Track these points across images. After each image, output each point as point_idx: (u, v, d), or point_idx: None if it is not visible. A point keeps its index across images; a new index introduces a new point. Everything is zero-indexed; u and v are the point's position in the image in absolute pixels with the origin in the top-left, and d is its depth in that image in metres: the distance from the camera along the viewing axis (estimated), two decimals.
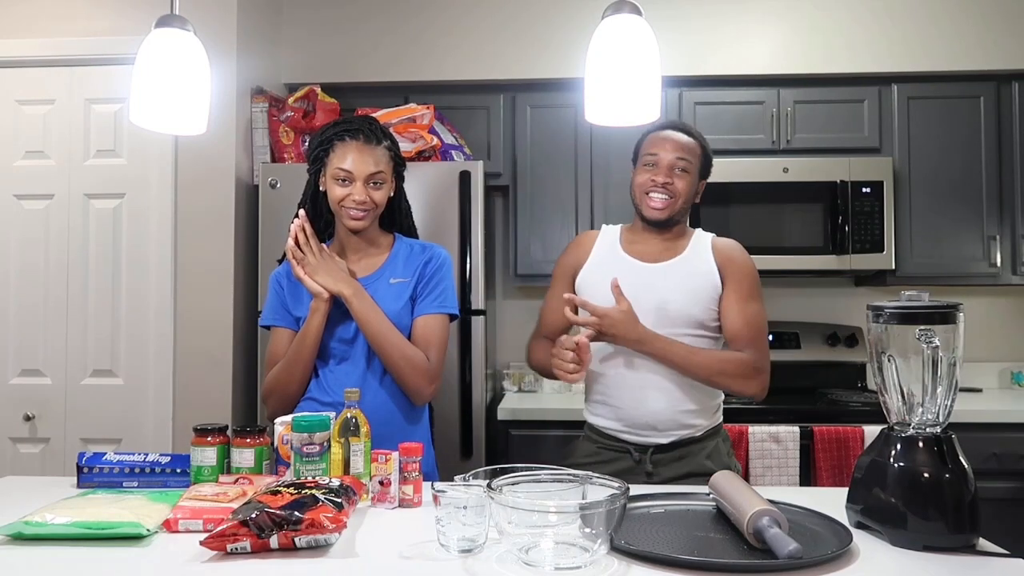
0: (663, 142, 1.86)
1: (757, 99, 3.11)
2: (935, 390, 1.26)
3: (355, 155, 1.75)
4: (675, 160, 1.84)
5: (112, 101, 2.75)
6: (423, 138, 2.72)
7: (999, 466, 2.64)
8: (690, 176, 1.85)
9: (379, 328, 1.73)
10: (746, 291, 1.83)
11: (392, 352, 1.73)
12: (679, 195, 1.84)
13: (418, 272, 1.82)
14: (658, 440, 1.81)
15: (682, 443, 1.82)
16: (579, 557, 1.12)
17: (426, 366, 1.76)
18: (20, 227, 2.76)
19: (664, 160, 1.84)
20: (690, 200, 1.88)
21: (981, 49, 3.06)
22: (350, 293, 1.72)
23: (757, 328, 1.82)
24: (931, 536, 1.20)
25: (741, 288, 1.83)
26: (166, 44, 1.52)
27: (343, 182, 1.75)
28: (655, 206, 1.84)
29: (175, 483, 1.57)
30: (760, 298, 1.86)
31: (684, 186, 1.84)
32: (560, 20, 3.16)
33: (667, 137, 1.87)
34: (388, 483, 1.46)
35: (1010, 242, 3.03)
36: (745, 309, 1.82)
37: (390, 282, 1.81)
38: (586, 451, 1.91)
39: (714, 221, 2.97)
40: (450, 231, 2.63)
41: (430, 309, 1.80)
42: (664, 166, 1.84)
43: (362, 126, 1.79)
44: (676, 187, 1.83)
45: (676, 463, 1.81)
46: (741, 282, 1.84)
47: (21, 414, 2.73)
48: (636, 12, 1.44)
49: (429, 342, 1.78)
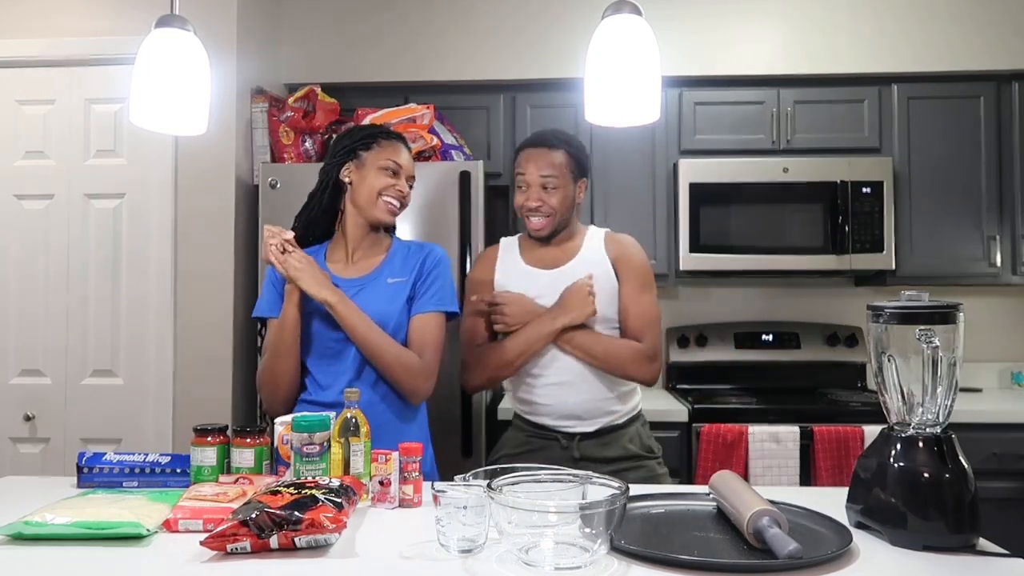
0: (527, 163, 1.97)
1: (757, 99, 3.11)
2: (935, 390, 1.26)
3: (406, 153, 1.88)
4: (542, 179, 1.94)
5: (112, 101, 2.75)
6: (423, 138, 2.72)
7: (999, 466, 2.64)
8: (561, 189, 1.94)
9: (366, 333, 1.73)
10: (638, 284, 1.95)
11: (382, 355, 1.74)
12: (555, 211, 1.95)
13: (415, 271, 1.84)
14: (583, 428, 1.95)
15: (606, 430, 1.95)
16: (579, 557, 1.12)
17: (419, 366, 1.76)
18: (20, 227, 2.76)
19: (532, 182, 1.95)
20: (568, 208, 1.97)
21: (981, 49, 3.06)
22: (335, 300, 1.72)
23: (650, 319, 1.94)
24: (931, 536, 1.20)
25: (634, 282, 1.95)
26: (166, 44, 1.52)
27: (392, 173, 1.83)
28: (534, 227, 1.97)
29: (175, 483, 1.57)
30: (652, 290, 1.97)
31: (557, 201, 1.94)
32: (560, 20, 3.16)
33: (529, 157, 1.97)
34: (388, 483, 1.46)
35: (1010, 242, 3.03)
36: (639, 301, 1.94)
37: (387, 281, 1.82)
38: (516, 441, 2.03)
39: (714, 221, 2.98)
40: (450, 231, 2.63)
41: (426, 308, 1.81)
42: (534, 187, 1.95)
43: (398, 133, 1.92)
44: (550, 204, 1.94)
45: (602, 448, 1.95)
46: (634, 277, 1.95)
47: (21, 414, 2.73)
48: (636, 12, 1.44)
49: (424, 341, 1.79)
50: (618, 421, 1.97)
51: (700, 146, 3.10)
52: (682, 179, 3.00)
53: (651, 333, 1.93)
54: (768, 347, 3.26)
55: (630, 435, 1.98)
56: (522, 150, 2.02)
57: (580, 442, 1.95)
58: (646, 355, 1.91)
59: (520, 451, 1.99)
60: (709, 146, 3.10)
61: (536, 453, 1.96)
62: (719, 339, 3.28)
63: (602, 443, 1.96)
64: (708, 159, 3.02)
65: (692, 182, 2.99)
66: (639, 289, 1.94)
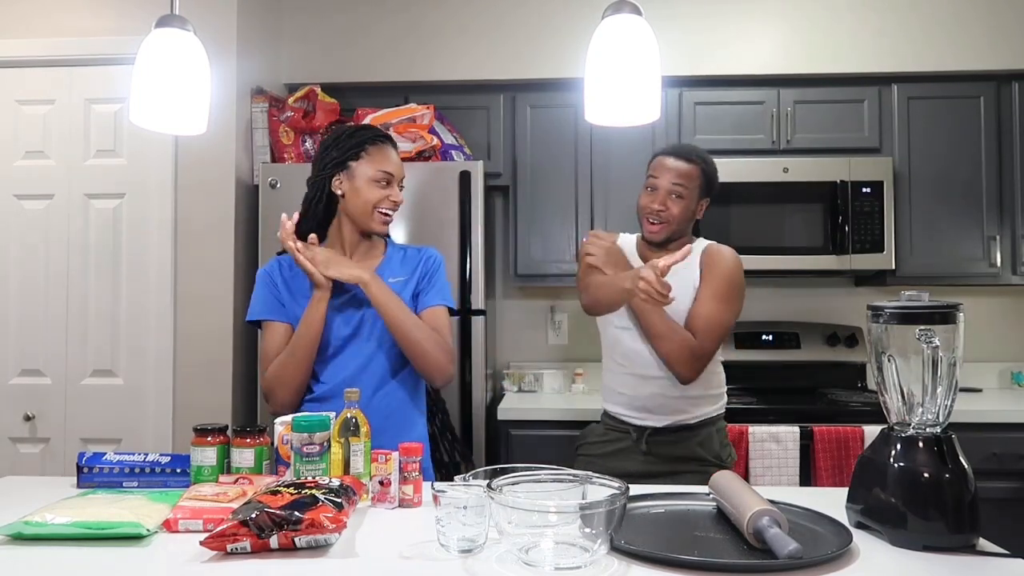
0: (662, 169, 2.01)
1: (757, 99, 3.11)
2: (935, 390, 1.26)
3: (395, 157, 1.83)
4: (671, 187, 1.98)
5: (112, 101, 2.75)
6: (423, 138, 2.72)
7: (999, 466, 2.64)
8: (686, 200, 1.99)
9: (400, 311, 1.75)
10: (714, 289, 1.96)
11: (416, 333, 1.75)
12: (673, 220, 1.99)
13: (418, 269, 1.87)
14: (654, 423, 2.00)
15: (676, 428, 1.99)
16: (579, 557, 1.12)
17: (447, 344, 1.80)
18: (20, 227, 2.76)
19: (661, 186, 1.99)
20: (687, 220, 2.02)
21: (981, 49, 3.06)
22: (369, 278, 1.74)
23: (713, 323, 1.94)
24: (931, 536, 1.20)
25: (710, 287, 1.97)
26: (166, 44, 1.52)
27: (384, 184, 1.80)
28: (651, 230, 2.02)
29: (175, 483, 1.57)
30: (728, 300, 1.96)
31: (679, 210, 1.99)
32: (560, 20, 3.16)
33: (666, 164, 2.02)
34: (388, 483, 1.46)
35: (1010, 242, 3.03)
36: (707, 304, 1.95)
37: (389, 281, 1.82)
38: (596, 432, 2.13)
39: (714, 221, 2.98)
40: (450, 231, 2.63)
41: (435, 301, 1.84)
42: (661, 192, 1.99)
43: (383, 132, 1.86)
44: (670, 212, 1.99)
45: (669, 446, 1.99)
46: (712, 282, 1.97)
47: (21, 414, 2.73)
48: (636, 12, 1.44)
49: (441, 328, 1.82)
50: (690, 422, 2.00)
51: (700, 146, 3.09)
52: None
53: (708, 336, 1.93)
54: (768, 347, 3.26)
55: (701, 438, 2.01)
56: (660, 156, 2.05)
57: (650, 436, 2.00)
58: (693, 350, 1.92)
59: (597, 440, 2.11)
60: (709, 146, 3.06)
61: (609, 443, 2.06)
62: None
63: (671, 441, 2.00)
64: None
65: None
66: (712, 295, 1.96)
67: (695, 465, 1.96)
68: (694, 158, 2.03)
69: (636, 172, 3.09)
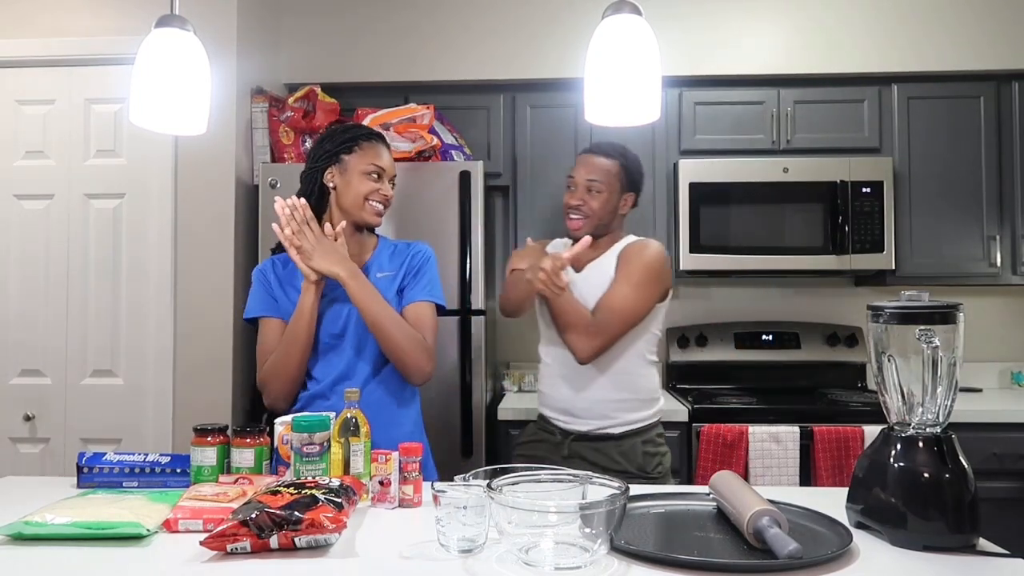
0: (580, 165, 2.08)
1: (757, 99, 3.11)
2: (935, 390, 1.26)
3: (387, 154, 1.87)
4: (587, 182, 2.04)
5: (112, 101, 2.75)
6: (423, 138, 2.72)
7: (999, 466, 2.64)
8: (604, 195, 2.04)
9: (378, 308, 1.74)
10: (625, 274, 1.98)
11: (393, 331, 1.75)
12: (593, 214, 2.03)
13: (405, 264, 1.87)
14: (577, 427, 2.02)
15: (599, 436, 2.00)
16: (579, 557, 1.12)
17: (425, 344, 1.79)
18: (20, 227, 2.76)
19: (579, 182, 2.05)
20: (608, 214, 2.05)
21: (981, 49, 3.06)
22: (346, 275, 1.73)
23: (615, 304, 1.95)
24: (931, 536, 1.20)
25: (623, 271, 1.99)
26: (166, 44, 1.52)
27: (375, 177, 1.83)
28: (572, 226, 2.06)
29: (175, 483, 1.57)
30: (639, 288, 1.97)
31: (598, 205, 2.03)
32: (560, 20, 3.16)
33: (583, 161, 2.08)
34: (388, 483, 1.46)
35: (1010, 242, 3.03)
36: (615, 286, 1.97)
37: (376, 276, 1.85)
38: (528, 432, 2.17)
39: (714, 221, 2.98)
40: (450, 231, 2.63)
41: (420, 296, 1.84)
42: (579, 188, 2.05)
43: (377, 131, 1.90)
44: (589, 207, 2.03)
45: (592, 452, 2.00)
46: (627, 267, 1.99)
47: (21, 414, 2.73)
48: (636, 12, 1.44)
49: (423, 325, 1.81)
50: (614, 431, 1.99)
51: (700, 146, 3.10)
52: (682, 179, 3.00)
53: (609, 315, 1.93)
54: (768, 347, 3.26)
55: (624, 448, 1.99)
56: (580, 154, 2.12)
57: (573, 441, 2.00)
58: (588, 326, 1.93)
59: (528, 440, 2.13)
60: (709, 146, 3.10)
61: (538, 444, 2.07)
62: (719, 339, 3.28)
63: (593, 447, 1.99)
64: (708, 159, 3.03)
65: (692, 182, 2.99)
66: (622, 279, 1.98)
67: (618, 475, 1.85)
68: (612, 153, 2.06)
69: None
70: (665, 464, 2.05)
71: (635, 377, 2.01)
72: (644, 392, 2.03)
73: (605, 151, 2.07)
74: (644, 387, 2.04)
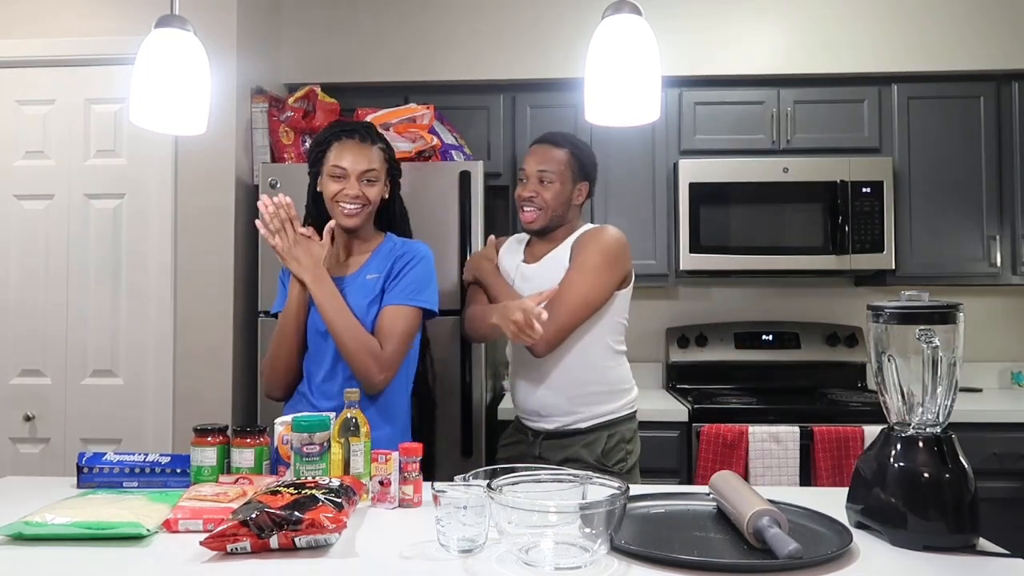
0: (529, 157, 2.03)
1: (757, 99, 3.11)
2: (935, 390, 1.26)
3: (351, 153, 1.84)
4: (538, 173, 1.99)
5: (112, 101, 2.75)
6: (423, 138, 2.72)
7: (999, 466, 2.64)
8: (556, 184, 1.99)
9: (333, 315, 1.77)
10: (579, 262, 1.93)
11: (344, 337, 1.76)
12: (547, 206, 1.99)
13: (391, 265, 1.87)
14: (544, 425, 2.00)
15: (566, 433, 1.97)
16: (579, 557, 1.12)
17: (378, 352, 1.78)
18: (20, 227, 2.76)
19: (530, 174, 2.01)
20: (562, 205, 2.01)
21: (981, 49, 3.06)
22: (310, 278, 1.78)
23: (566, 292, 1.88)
24: (931, 536, 1.20)
25: (576, 260, 1.94)
26: (166, 44, 1.52)
27: (338, 178, 1.83)
28: (526, 219, 2.03)
29: (175, 483, 1.57)
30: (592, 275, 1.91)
31: (551, 196, 1.99)
32: (560, 20, 3.16)
33: (533, 152, 2.04)
34: (388, 483, 1.46)
35: (1010, 242, 3.03)
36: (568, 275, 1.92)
37: (367, 278, 1.87)
38: (507, 434, 2.16)
39: (714, 221, 2.98)
40: (450, 231, 2.63)
41: (395, 300, 1.83)
42: (531, 180, 2.00)
43: (357, 127, 1.90)
44: (542, 198, 1.99)
45: (560, 449, 1.97)
46: (580, 255, 1.94)
47: (21, 414, 2.73)
48: (636, 12, 1.44)
49: (388, 332, 1.81)
50: (580, 425, 1.96)
51: (700, 146, 3.10)
52: (682, 179, 3.00)
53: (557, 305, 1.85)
54: (768, 347, 3.26)
55: (588, 441, 1.96)
56: (531, 146, 2.08)
57: (544, 439, 2.00)
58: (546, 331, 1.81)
59: (506, 442, 2.14)
60: (709, 146, 3.10)
61: (514, 445, 2.08)
62: (719, 339, 3.28)
63: (561, 444, 1.97)
64: (708, 159, 3.03)
65: (692, 182, 2.99)
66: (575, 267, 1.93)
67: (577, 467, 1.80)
68: (562, 143, 2.02)
69: (636, 172, 3.11)
70: (630, 461, 1.98)
71: (600, 369, 1.97)
72: (611, 383, 1.98)
73: (555, 141, 2.03)
74: (611, 378, 1.99)
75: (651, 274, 3.07)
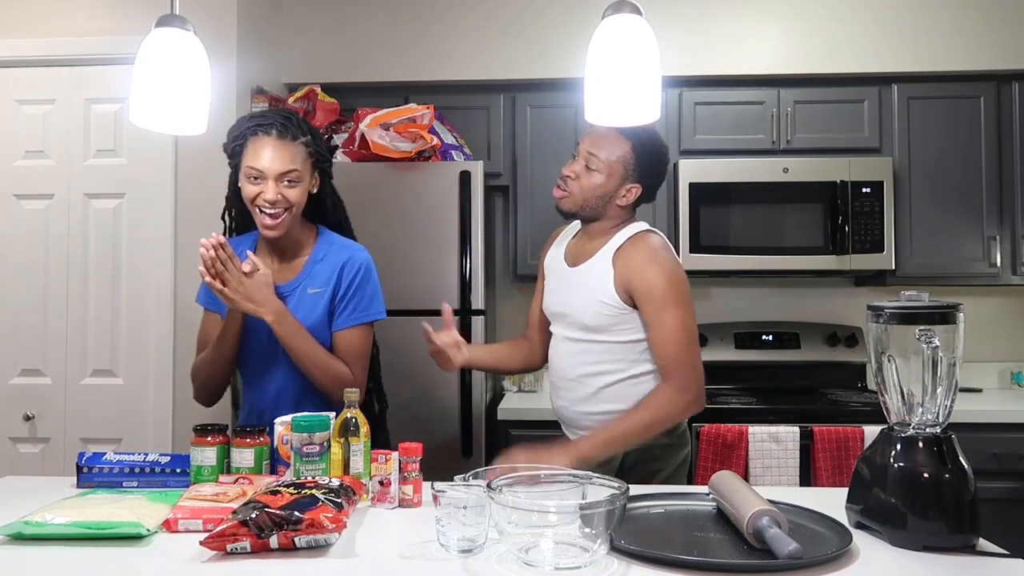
0: (587, 136, 1.84)
1: (757, 99, 3.11)
2: (935, 390, 1.26)
3: (268, 152, 1.69)
4: (587, 155, 1.80)
5: (112, 101, 2.75)
6: (423, 138, 2.72)
7: (999, 466, 2.64)
8: (601, 177, 1.79)
9: (303, 349, 1.70)
10: (656, 301, 1.73)
11: (317, 373, 1.72)
12: (579, 192, 1.81)
13: (334, 282, 1.77)
14: (569, 435, 1.91)
15: None
16: (579, 557, 1.12)
17: (351, 380, 1.74)
18: (20, 227, 2.76)
19: (581, 152, 1.82)
20: (598, 200, 1.81)
21: (981, 49, 3.06)
22: (272, 319, 1.67)
23: (675, 343, 1.74)
24: (931, 536, 1.20)
25: (649, 299, 1.74)
26: (166, 44, 1.52)
27: (255, 180, 1.69)
28: (555, 194, 1.86)
29: (175, 483, 1.57)
30: (677, 303, 1.74)
31: (591, 182, 1.79)
32: (560, 20, 3.16)
33: (592, 132, 1.82)
34: (388, 483, 1.46)
35: (1010, 242, 3.02)
36: (660, 323, 1.73)
37: (308, 292, 1.77)
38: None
39: (714, 221, 2.98)
40: (450, 231, 2.63)
41: (352, 322, 1.77)
42: (578, 159, 1.83)
43: (275, 120, 1.72)
44: (580, 183, 1.80)
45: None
46: (649, 292, 1.73)
47: (21, 414, 2.73)
48: (636, 12, 1.44)
49: (354, 355, 1.77)
50: None
51: (700, 146, 3.10)
52: (682, 179, 3.00)
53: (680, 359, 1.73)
54: (768, 347, 3.26)
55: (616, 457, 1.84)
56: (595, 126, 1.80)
57: None
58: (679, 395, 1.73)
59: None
60: (709, 146, 3.10)
61: None
62: (719, 339, 3.28)
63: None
64: (708, 159, 3.02)
65: (692, 182, 2.99)
66: (659, 307, 1.74)
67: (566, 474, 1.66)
68: (628, 134, 1.78)
69: None
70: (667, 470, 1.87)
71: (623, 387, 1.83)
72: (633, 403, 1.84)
73: (624, 130, 1.78)
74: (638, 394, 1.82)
75: None
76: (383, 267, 2.60)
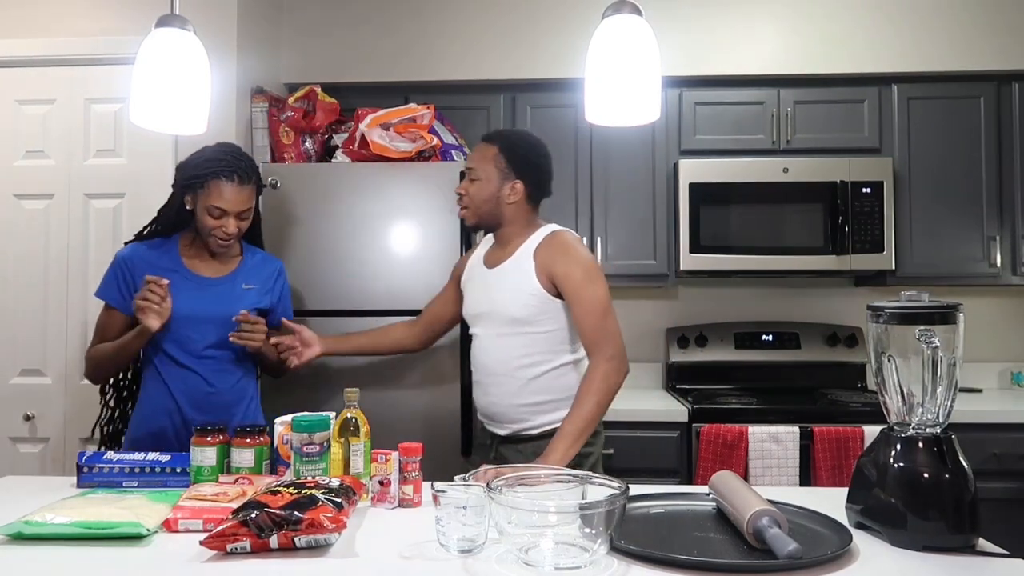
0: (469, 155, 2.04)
1: (757, 99, 3.11)
2: (935, 390, 1.26)
3: (230, 195, 1.92)
4: (467, 169, 1.99)
5: (112, 101, 2.75)
6: (423, 138, 2.71)
7: (999, 466, 2.64)
8: (480, 182, 1.95)
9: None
10: (576, 282, 1.87)
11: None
12: (471, 201, 1.97)
13: (269, 286, 2.09)
14: (497, 430, 1.99)
15: (519, 438, 1.95)
16: (579, 557, 1.12)
17: None
18: (20, 227, 2.76)
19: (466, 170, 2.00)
20: (488, 203, 1.96)
21: (981, 49, 3.06)
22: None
23: (596, 313, 1.86)
24: (931, 536, 1.20)
25: (569, 280, 1.87)
26: (166, 44, 1.52)
27: (217, 216, 1.93)
28: (459, 213, 2.04)
29: (175, 483, 1.57)
30: (593, 281, 1.87)
31: (476, 191, 1.96)
32: (560, 20, 3.16)
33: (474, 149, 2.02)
34: (388, 483, 1.46)
35: (1010, 242, 3.03)
36: (579, 300, 1.86)
37: (242, 287, 2.03)
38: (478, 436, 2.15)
39: (714, 221, 2.98)
40: (450, 231, 2.63)
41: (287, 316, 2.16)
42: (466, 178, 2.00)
43: (237, 168, 1.94)
44: (466, 197, 1.98)
45: (515, 454, 1.95)
46: (568, 276, 1.88)
47: (21, 414, 2.73)
48: (636, 12, 1.44)
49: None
50: (531, 432, 1.93)
51: (700, 146, 3.10)
52: (682, 179, 3.00)
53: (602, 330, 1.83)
54: (768, 347, 3.26)
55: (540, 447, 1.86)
56: None
57: (500, 444, 2.00)
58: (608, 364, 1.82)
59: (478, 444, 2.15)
60: (709, 146, 3.10)
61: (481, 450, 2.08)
62: (719, 339, 3.28)
63: (516, 449, 1.96)
64: (708, 159, 3.03)
65: (692, 182, 2.99)
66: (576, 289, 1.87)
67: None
68: (494, 139, 1.98)
69: (636, 172, 3.11)
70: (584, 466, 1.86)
71: (549, 378, 1.91)
72: (563, 391, 1.91)
73: (489, 137, 1.99)
74: (561, 386, 1.91)
75: (651, 274, 3.07)
76: (382, 267, 2.61)
